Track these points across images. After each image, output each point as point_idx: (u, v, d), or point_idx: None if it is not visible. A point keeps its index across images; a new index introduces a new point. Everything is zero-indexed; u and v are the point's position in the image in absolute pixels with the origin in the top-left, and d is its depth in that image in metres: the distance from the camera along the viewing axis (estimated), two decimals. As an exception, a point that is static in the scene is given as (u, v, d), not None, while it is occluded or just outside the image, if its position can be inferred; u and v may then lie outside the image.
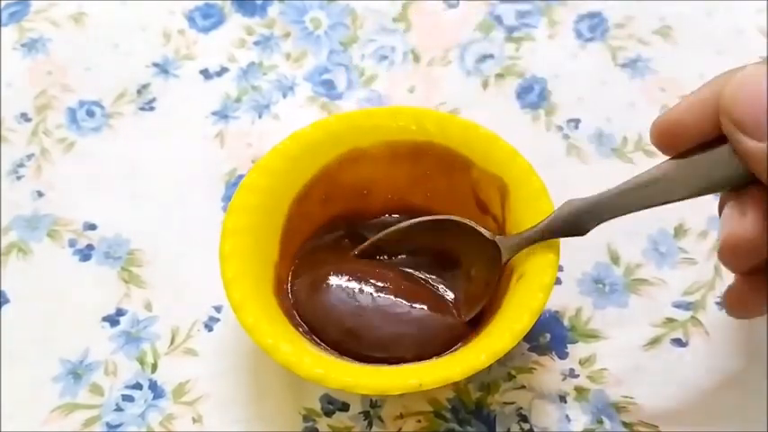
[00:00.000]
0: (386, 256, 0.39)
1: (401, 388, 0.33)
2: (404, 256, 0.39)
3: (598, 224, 0.34)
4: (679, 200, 0.32)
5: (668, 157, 0.33)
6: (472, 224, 0.37)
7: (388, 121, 0.39)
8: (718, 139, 0.31)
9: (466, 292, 0.37)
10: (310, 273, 0.38)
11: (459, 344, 0.36)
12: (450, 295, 0.38)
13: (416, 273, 0.38)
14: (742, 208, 0.30)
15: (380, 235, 0.38)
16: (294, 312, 0.37)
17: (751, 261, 0.31)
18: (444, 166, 0.39)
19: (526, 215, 0.36)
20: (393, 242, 0.38)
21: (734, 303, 0.35)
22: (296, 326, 0.36)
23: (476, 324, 0.36)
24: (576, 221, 0.34)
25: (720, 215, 0.32)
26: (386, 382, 0.33)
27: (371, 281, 0.37)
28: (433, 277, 0.38)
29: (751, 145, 0.29)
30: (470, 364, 0.33)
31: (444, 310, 0.37)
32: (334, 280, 0.37)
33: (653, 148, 0.43)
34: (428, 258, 0.38)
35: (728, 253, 0.31)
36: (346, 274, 0.37)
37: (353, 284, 0.37)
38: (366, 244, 0.39)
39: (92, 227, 0.42)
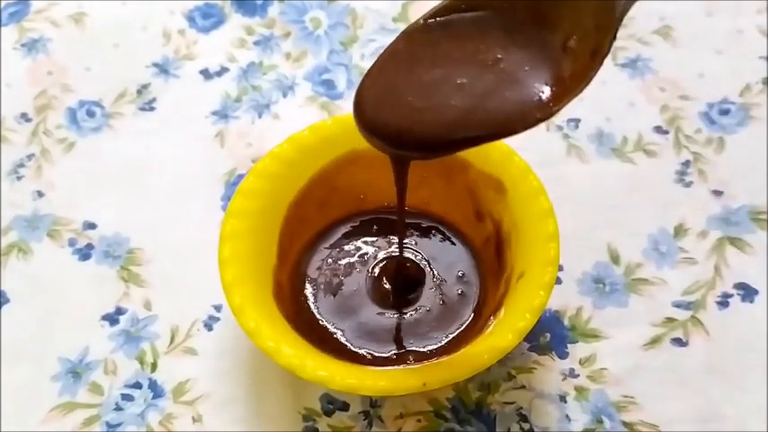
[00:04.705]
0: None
1: (405, 389, 0.33)
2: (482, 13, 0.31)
3: None
4: None
5: None
6: None
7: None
8: None
9: (561, 68, 0.30)
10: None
11: None
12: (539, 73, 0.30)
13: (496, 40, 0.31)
14: None
15: None
16: None
17: None
18: (441, 167, 0.38)
19: (524, 215, 0.36)
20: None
21: None
22: None
23: (473, 327, 0.37)
24: None
25: None
26: (390, 382, 0.33)
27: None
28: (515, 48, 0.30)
29: None
30: (474, 363, 0.33)
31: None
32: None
33: (653, 148, 0.43)
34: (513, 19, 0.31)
35: None
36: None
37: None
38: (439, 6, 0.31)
39: (91, 226, 0.42)
